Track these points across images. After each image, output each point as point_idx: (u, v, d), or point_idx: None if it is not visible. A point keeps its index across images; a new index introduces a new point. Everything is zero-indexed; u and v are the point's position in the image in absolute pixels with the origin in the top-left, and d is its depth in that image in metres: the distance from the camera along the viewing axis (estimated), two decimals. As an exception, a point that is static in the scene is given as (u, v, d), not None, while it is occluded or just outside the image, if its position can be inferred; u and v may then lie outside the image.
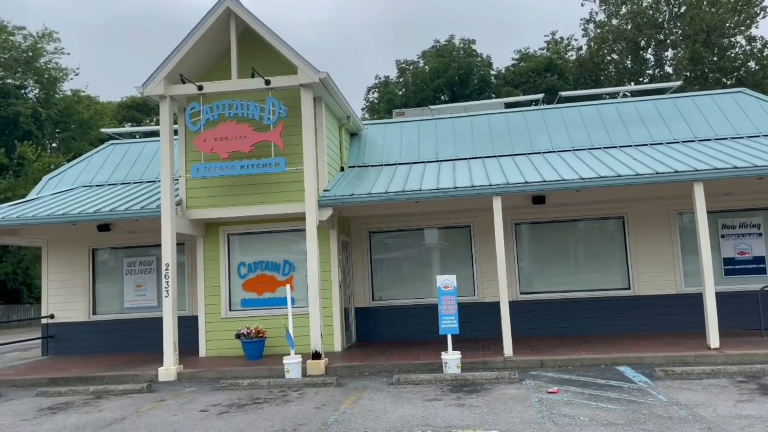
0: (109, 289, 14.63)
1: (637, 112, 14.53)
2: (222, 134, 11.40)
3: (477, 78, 40.86)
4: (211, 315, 12.69)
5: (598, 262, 13.48)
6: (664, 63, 36.51)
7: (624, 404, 7.42)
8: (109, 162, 15.77)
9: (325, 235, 12.38)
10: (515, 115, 15.38)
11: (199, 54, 11.65)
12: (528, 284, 13.56)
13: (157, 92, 11.31)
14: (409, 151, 14.62)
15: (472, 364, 10.29)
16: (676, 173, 10.58)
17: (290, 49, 11.11)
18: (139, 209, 11.91)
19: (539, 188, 11.08)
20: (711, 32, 33.33)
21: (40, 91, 37.73)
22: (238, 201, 11.96)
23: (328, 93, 11.88)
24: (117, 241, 14.37)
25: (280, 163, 11.25)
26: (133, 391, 9.98)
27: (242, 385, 9.85)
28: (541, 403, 7.69)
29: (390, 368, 10.53)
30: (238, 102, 11.45)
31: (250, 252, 12.94)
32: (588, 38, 38.40)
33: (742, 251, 12.94)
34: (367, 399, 8.46)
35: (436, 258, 14.04)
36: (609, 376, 9.21)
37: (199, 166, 11.48)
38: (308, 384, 9.75)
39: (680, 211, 13.06)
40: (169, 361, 11.00)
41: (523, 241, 13.75)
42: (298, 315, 11.61)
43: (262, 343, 11.91)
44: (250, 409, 8.25)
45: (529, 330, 12.92)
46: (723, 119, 13.77)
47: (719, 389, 8.02)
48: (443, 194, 11.20)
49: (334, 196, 11.56)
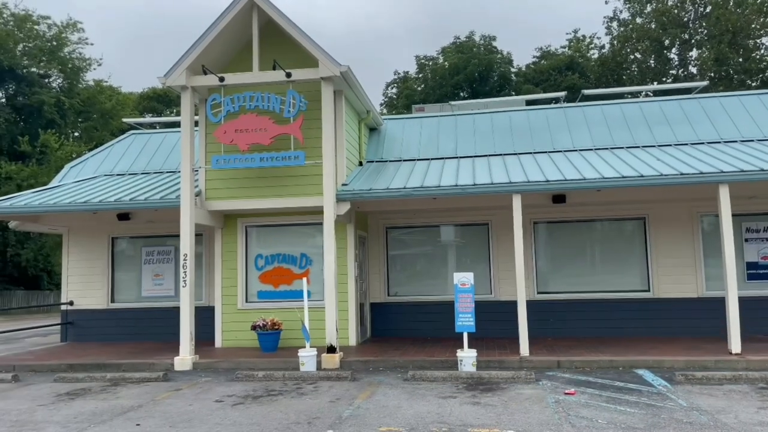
0: (127, 278, 14.75)
1: (662, 111, 14.29)
2: (242, 126, 11.41)
3: (497, 75, 40.59)
4: (228, 306, 12.75)
5: (618, 263, 13.30)
6: (689, 63, 35.96)
7: (643, 408, 7.31)
8: (130, 151, 15.90)
9: (342, 229, 12.37)
10: (536, 113, 15.22)
11: (221, 45, 11.67)
12: (545, 284, 13.43)
13: (179, 83, 11.36)
14: (428, 147, 14.53)
15: (488, 363, 10.21)
16: (701, 174, 10.39)
17: (312, 41, 11.08)
18: (159, 199, 11.98)
19: (560, 187, 10.94)
20: (737, 33, 32.74)
21: (64, 80, 38.17)
22: (257, 193, 11.98)
23: (349, 87, 11.84)
24: (136, 231, 14.48)
25: (299, 156, 11.24)
26: (150, 380, 10.06)
27: (257, 376, 9.88)
28: (557, 404, 7.60)
29: (405, 364, 10.49)
30: (259, 94, 11.46)
31: (267, 244, 12.97)
32: (611, 36, 37.96)
33: (766, 256, 12.69)
34: (381, 394, 8.43)
35: (453, 255, 13.95)
36: (627, 379, 9.09)
37: (219, 157, 11.51)
38: (323, 377, 9.75)
39: (703, 213, 12.83)
40: (185, 351, 11.07)
41: (541, 240, 13.61)
42: (314, 308, 11.61)
43: (277, 335, 11.93)
44: (264, 401, 8.26)
45: (545, 330, 12.80)
46: (749, 120, 13.49)
47: (740, 395, 7.87)
48: (462, 191, 11.12)
49: (352, 190, 11.53)
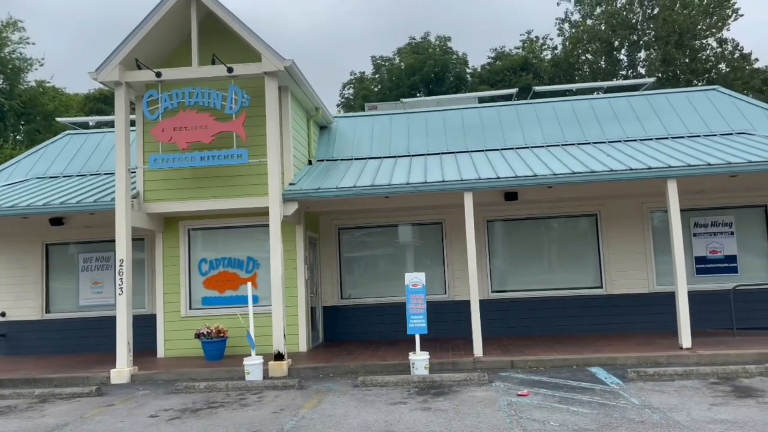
0: (63, 287, 13.92)
1: (611, 108, 14.34)
2: (181, 123, 10.84)
3: (453, 76, 40.63)
4: (170, 314, 12.12)
5: (571, 260, 13.24)
6: (637, 64, 36.72)
7: (596, 408, 7.11)
8: (65, 153, 15.05)
9: (291, 230, 11.90)
10: (489, 111, 15.09)
11: (158, 39, 11.07)
12: (500, 283, 13.26)
13: (111, 78, 10.70)
14: (380, 146, 14.22)
15: (441, 365, 9.92)
16: (650, 170, 10.36)
17: (254, 35, 10.60)
18: (93, 202, 11.28)
19: (511, 184, 10.77)
20: (683, 34, 33.59)
21: (4, 81, 36.38)
22: (199, 194, 11.41)
23: (295, 82, 11.40)
24: (72, 236, 13.66)
25: (242, 155, 10.74)
26: (82, 395, 9.38)
27: (198, 388, 9.33)
28: (510, 406, 7.35)
29: (356, 369, 10.11)
30: (199, 90, 10.91)
31: (211, 248, 12.39)
32: (563, 38, 38.47)
33: (714, 250, 12.82)
34: (329, 402, 8.02)
35: (408, 256, 13.66)
36: (581, 377, 8.92)
37: (157, 156, 10.91)
38: (269, 387, 9.27)
39: (653, 209, 12.88)
40: (122, 363, 10.42)
41: (495, 238, 13.44)
42: (262, 314, 11.11)
43: (222, 343, 11.38)
44: (203, 414, 7.75)
45: (500, 329, 12.60)
46: (696, 117, 13.64)
47: (692, 391, 7.77)
48: (414, 189, 10.83)
49: (300, 189, 11.10)
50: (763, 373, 8.53)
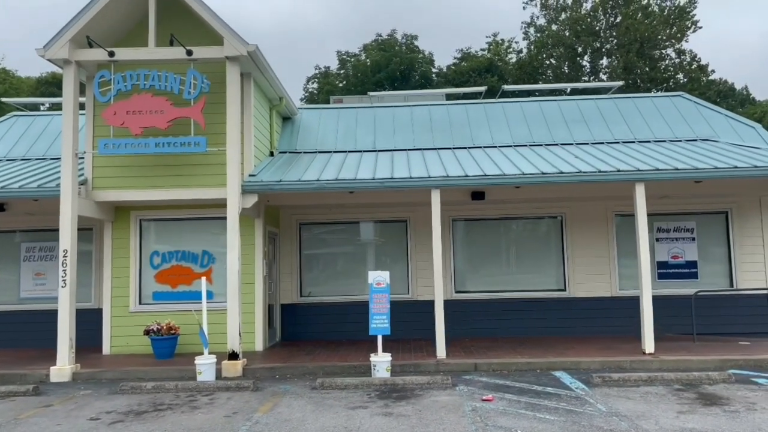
0: (3, 278, 13.03)
1: (579, 110, 14.29)
2: (135, 107, 10.19)
3: (419, 74, 40.47)
4: (118, 308, 11.44)
5: (535, 262, 13.11)
6: (600, 71, 37.26)
7: (563, 415, 6.89)
8: (10, 135, 14.11)
9: (250, 224, 11.39)
10: (457, 108, 14.85)
11: (112, 17, 10.39)
12: (463, 283, 13.03)
13: (60, 56, 9.98)
14: (345, 140, 13.80)
15: (403, 367, 9.60)
16: (619, 172, 10.27)
17: (216, 16, 10.06)
18: (36, 188, 10.52)
19: (480, 182, 10.53)
20: (644, 42, 34.21)
21: (-51, 61, 34.38)
22: (153, 183, 10.78)
23: (258, 69, 10.88)
24: (14, 224, 12.77)
25: (200, 143, 10.17)
26: (17, 394, 8.69)
27: (145, 388, 8.76)
28: (475, 412, 7.07)
29: (314, 370, 9.69)
30: (155, 72, 10.28)
31: (165, 240, 11.76)
32: (528, 42, 38.73)
33: (676, 255, 12.89)
34: (285, 406, 7.59)
35: (370, 253, 13.30)
36: (545, 381, 8.72)
37: (107, 141, 10.23)
38: (221, 388, 8.77)
39: (618, 212, 12.84)
40: (63, 360, 9.73)
41: (459, 238, 13.21)
42: (217, 311, 10.57)
43: (173, 340, 10.79)
44: (149, 418, 7.21)
45: (463, 330, 12.37)
46: (662, 122, 13.69)
47: (658, 398, 7.65)
48: (380, 184, 10.48)
49: (260, 181, 10.60)
50: (726, 380, 8.49)
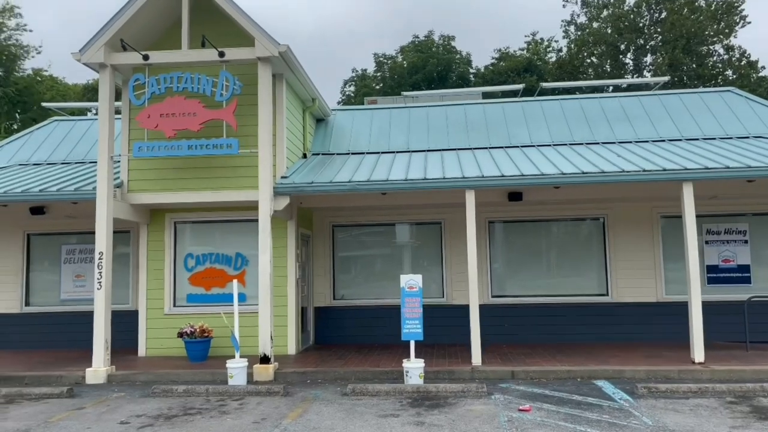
0: (44, 279, 13.29)
1: (622, 108, 13.73)
2: (168, 110, 10.22)
3: (456, 75, 40.02)
4: (153, 311, 11.50)
5: (576, 265, 12.62)
6: (643, 68, 36.13)
7: (605, 428, 6.50)
8: (51, 139, 14.43)
9: (282, 226, 11.29)
10: (493, 107, 14.48)
11: (146, 20, 10.46)
12: (500, 287, 12.65)
13: (96, 59, 10.08)
14: (378, 140, 13.61)
15: (437, 374, 9.31)
16: (665, 171, 9.75)
17: (247, 17, 10.00)
18: (73, 191, 10.65)
19: (516, 183, 10.16)
20: (691, 38, 33.00)
21: (-1, 67, 35.65)
22: (186, 185, 10.80)
23: (290, 70, 10.79)
24: (54, 227, 13.02)
25: (232, 145, 10.12)
26: (51, 396, 8.76)
27: (177, 391, 8.72)
28: (511, 423, 6.74)
29: (346, 376, 9.50)
30: (188, 75, 10.29)
31: (199, 242, 11.78)
32: (568, 40, 37.87)
33: (727, 259, 12.21)
34: (314, 413, 7.41)
35: (404, 256, 13.03)
36: (586, 391, 8.31)
37: (141, 144, 10.28)
38: (252, 392, 8.66)
39: (664, 214, 12.26)
40: (98, 362, 9.79)
41: (496, 240, 12.83)
42: (250, 314, 10.50)
43: (207, 343, 10.77)
44: (178, 422, 7.14)
45: (500, 336, 12.00)
46: (711, 119, 13.03)
47: (709, 411, 7.17)
48: (412, 185, 10.23)
49: (292, 183, 10.48)
50: (783, 392, 7.93)
